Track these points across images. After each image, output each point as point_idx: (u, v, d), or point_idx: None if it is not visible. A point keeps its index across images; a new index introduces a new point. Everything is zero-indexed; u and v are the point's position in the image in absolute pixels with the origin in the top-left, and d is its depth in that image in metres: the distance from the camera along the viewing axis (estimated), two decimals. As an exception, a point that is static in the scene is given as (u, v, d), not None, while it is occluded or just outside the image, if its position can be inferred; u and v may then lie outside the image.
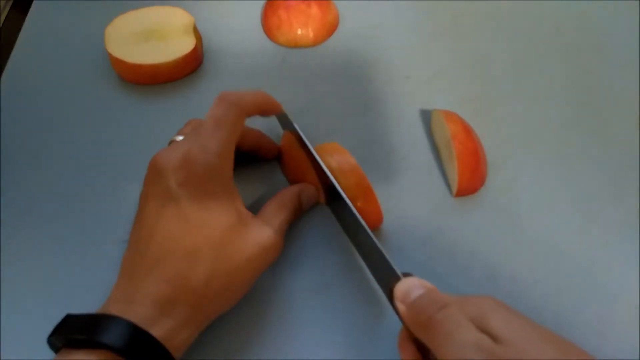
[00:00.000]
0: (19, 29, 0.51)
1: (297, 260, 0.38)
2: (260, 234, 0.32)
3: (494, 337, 0.25)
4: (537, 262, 0.38)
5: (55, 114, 0.46)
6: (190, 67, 0.48)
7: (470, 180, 0.40)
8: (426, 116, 0.45)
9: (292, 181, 0.41)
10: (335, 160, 0.38)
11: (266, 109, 0.36)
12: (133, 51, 0.45)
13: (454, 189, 0.40)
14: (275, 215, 0.34)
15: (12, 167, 0.43)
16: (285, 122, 0.41)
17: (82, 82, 0.48)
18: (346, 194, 0.35)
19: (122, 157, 0.43)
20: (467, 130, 0.41)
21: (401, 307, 0.29)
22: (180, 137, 0.35)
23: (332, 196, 0.37)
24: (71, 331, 0.27)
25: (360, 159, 0.39)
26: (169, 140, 0.36)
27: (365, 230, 0.33)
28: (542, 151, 0.44)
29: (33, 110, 0.46)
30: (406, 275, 0.31)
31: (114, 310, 0.28)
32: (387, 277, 0.31)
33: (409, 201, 0.41)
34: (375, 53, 0.50)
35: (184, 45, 0.46)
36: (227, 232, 0.31)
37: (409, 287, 0.29)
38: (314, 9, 0.49)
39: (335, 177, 0.36)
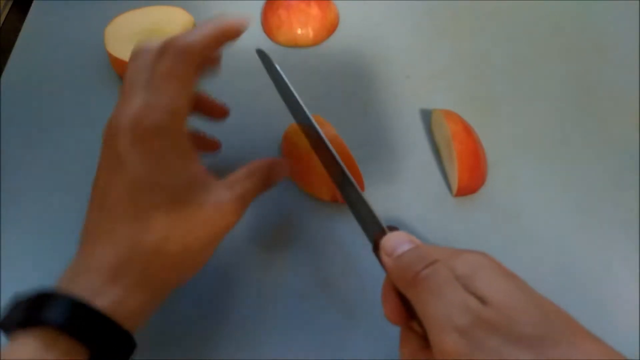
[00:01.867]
0: (19, 29, 0.51)
1: (297, 261, 0.38)
2: (218, 196, 0.30)
3: (480, 298, 0.25)
4: (537, 262, 0.38)
5: (56, 114, 0.46)
6: (190, 67, 0.47)
7: (470, 179, 0.40)
8: (426, 116, 0.45)
9: (299, 181, 0.41)
10: None
11: (223, 38, 0.32)
12: (133, 51, 0.45)
13: (454, 188, 0.40)
14: (240, 181, 0.32)
15: (13, 167, 0.43)
16: (266, 61, 0.39)
17: (82, 82, 0.48)
18: None
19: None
20: (467, 130, 0.41)
21: (387, 261, 0.29)
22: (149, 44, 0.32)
23: (324, 156, 0.35)
24: (15, 312, 0.26)
25: (360, 159, 0.39)
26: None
27: (353, 184, 0.32)
28: (542, 151, 0.44)
29: (33, 110, 0.46)
30: (392, 228, 0.30)
31: (62, 285, 0.27)
32: (373, 230, 0.31)
33: (409, 201, 0.41)
34: (375, 53, 0.50)
35: (184, 45, 0.46)
36: (181, 194, 0.29)
37: (396, 242, 0.29)
38: (314, 9, 0.49)
39: None
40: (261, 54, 0.39)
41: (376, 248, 0.31)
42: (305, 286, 0.37)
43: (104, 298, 0.26)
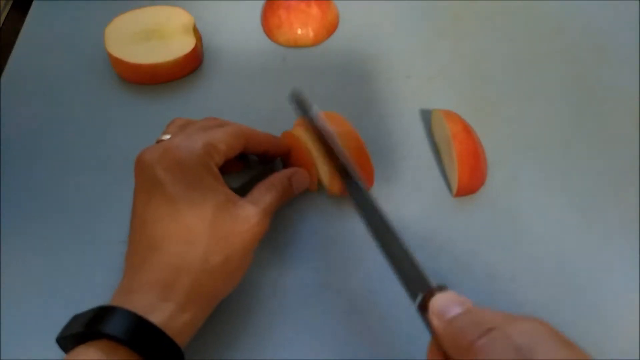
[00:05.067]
0: (19, 29, 0.51)
1: (297, 261, 0.38)
2: (247, 211, 0.32)
3: None
4: (537, 262, 0.38)
5: (55, 114, 0.46)
6: (190, 67, 0.48)
7: (470, 180, 0.40)
8: (426, 116, 0.45)
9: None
10: (334, 127, 0.39)
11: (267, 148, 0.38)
12: (133, 51, 0.45)
13: (454, 188, 0.40)
14: (262, 195, 0.34)
15: (12, 167, 0.43)
16: (301, 105, 0.39)
17: (82, 82, 0.48)
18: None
19: (122, 157, 0.43)
20: (467, 130, 0.41)
21: (438, 324, 0.27)
22: (167, 136, 0.36)
23: (352, 187, 0.34)
24: (74, 327, 0.28)
25: (360, 159, 0.39)
26: (157, 139, 0.36)
27: (395, 235, 0.31)
28: (542, 151, 0.44)
29: (33, 110, 0.46)
30: (441, 287, 0.28)
31: (115, 303, 0.28)
32: (417, 285, 0.29)
33: (409, 201, 0.41)
34: (375, 53, 0.50)
35: (184, 45, 0.46)
36: (218, 210, 0.31)
37: (446, 304, 0.27)
38: (314, 9, 0.49)
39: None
40: (296, 98, 0.40)
41: (423, 308, 0.28)
42: (311, 283, 0.37)
43: (157, 314, 0.28)
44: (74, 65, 0.49)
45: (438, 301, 0.27)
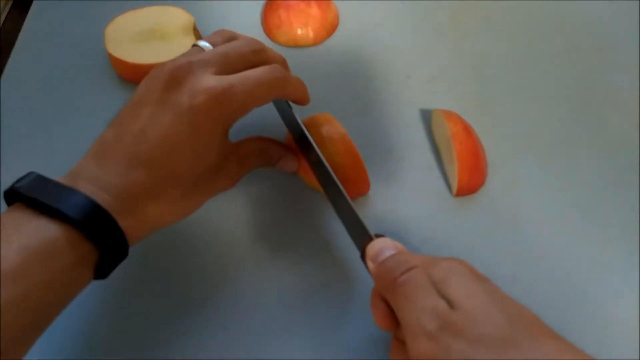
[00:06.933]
0: (19, 29, 0.51)
1: (296, 260, 0.38)
2: (231, 169, 0.34)
3: (450, 303, 0.26)
4: (536, 262, 0.38)
5: (55, 114, 0.46)
6: (190, 67, 0.47)
7: (470, 180, 0.40)
8: (426, 116, 0.45)
9: (304, 175, 0.41)
10: (325, 129, 0.39)
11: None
12: (133, 51, 0.45)
13: (454, 188, 0.40)
14: (250, 157, 0.36)
15: (12, 167, 0.43)
16: (282, 108, 0.41)
17: (82, 82, 0.48)
18: (335, 161, 0.37)
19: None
20: (468, 130, 0.41)
21: (371, 265, 0.30)
22: (206, 44, 0.35)
23: (315, 163, 0.37)
24: (34, 191, 0.27)
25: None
26: (193, 44, 0.35)
27: (341, 192, 0.34)
28: (542, 151, 0.44)
29: (33, 110, 0.46)
30: (378, 236, 0.31)
31: (84, 191, 0.28)
32: (361, 237, 0.32)
33: (409, 201, 0.41)
34: (375, 53, 0.50)
35: (184, 45, 0.46)
36: (209, 169, 0.32)
37: (380, 247, 0.30)
38: (314, 9, 0.49)
39: (324, 145, 0.37)
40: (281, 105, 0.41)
41: (363, 255, 0.31)
42: (311, 283, 0.37)
43: (124, 220, 0.28)
44: (74, 65, 0.49)
45: (374, 246, 0.31)
